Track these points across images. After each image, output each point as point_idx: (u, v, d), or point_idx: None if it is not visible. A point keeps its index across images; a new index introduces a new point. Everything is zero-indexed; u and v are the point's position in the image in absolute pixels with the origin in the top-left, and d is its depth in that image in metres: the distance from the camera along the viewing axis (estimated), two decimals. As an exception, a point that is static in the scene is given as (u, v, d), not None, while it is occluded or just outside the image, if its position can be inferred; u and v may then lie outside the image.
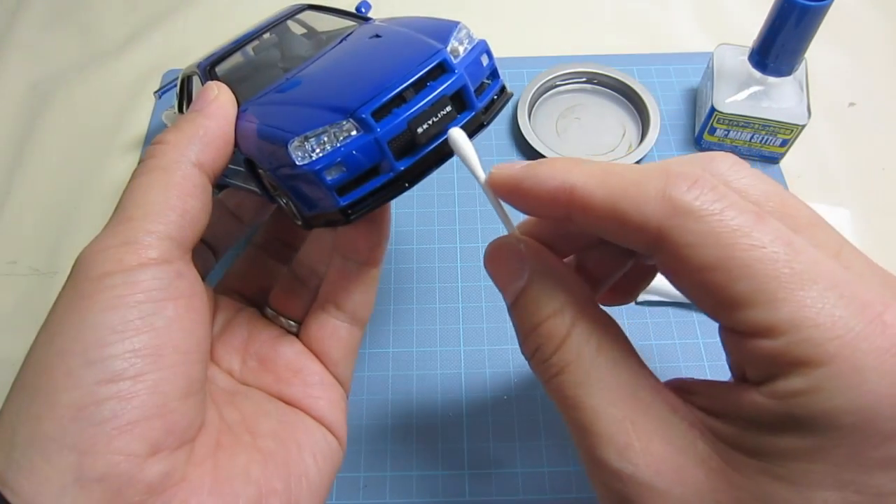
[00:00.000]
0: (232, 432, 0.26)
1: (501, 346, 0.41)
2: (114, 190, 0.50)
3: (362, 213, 0.25)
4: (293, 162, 0.24)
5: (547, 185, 0.22)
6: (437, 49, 0.25)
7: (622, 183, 0.20)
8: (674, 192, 0.19)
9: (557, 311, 0.22)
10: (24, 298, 0.45)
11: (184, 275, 0.24)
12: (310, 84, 0.27)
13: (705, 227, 0.19)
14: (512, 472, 0.37)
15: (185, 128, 0.26)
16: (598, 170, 0.21)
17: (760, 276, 0.18)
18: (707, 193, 0.19)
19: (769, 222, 0.19)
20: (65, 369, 0.21)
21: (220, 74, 0.30)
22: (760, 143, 0.47)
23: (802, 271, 0.18)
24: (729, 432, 0.19)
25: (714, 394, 0.20)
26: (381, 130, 0.24)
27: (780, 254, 0.18)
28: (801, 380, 0.17)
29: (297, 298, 0.33)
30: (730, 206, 0.19)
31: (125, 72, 0.58)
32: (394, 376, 0.41)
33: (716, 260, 0.18)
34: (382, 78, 0.25)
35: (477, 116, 0.26)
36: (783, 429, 0.18)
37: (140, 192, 0.24)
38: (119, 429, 0.21)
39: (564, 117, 0.52)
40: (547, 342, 0.22)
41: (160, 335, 0.22)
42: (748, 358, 0.19)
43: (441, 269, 0.45)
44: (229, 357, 0.30)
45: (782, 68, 0.44)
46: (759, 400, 0.18)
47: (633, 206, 0.20)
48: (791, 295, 0.17)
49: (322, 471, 0.28)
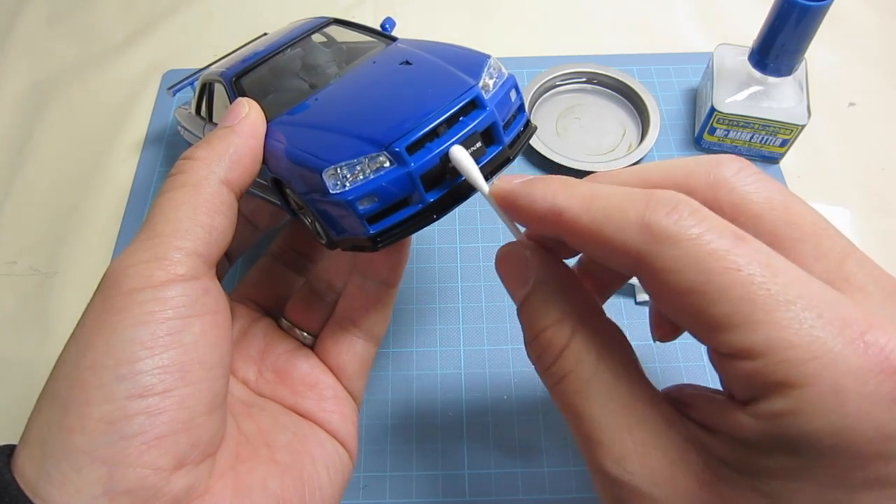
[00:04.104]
0: (250, 444, 0.27)
1: (501, 347, 0.41)
2: (114, 190, 0.50)
3: (391, 242, 0.26)
4: (326, 190, 0.24)
5: (538, 205, 0.22)
6: (471, 85, 0.26)
7: (605, 207, 0.21)
8: (652, 217, 0.19)
9: (558, 320, 0.23)
10: (24, 298, 0.45)
11: (210, 291, 0.24)
12: (340, 108, 0.28)
13: (682, 252, 0.19)
14: (512, 472, 0.37)
15: (215, 144, 0.26)
16: (585, 193, 0.21)
17: (736, 299, 0.18)
18: (686, 218, 0.19)
19: (749, 244, 0.19)
20: (96, 383, 0.21)
21: (245, 86, 0.31)
22: (760, 143, 0.47)
23: (779, 293, 0.18)
24: (720, 449, 0.20)
25: (708, 409, 0.21)
26: (414, 165, 0.24)
27: (755, 276, 0.18)
28: (781, 401, 0.17)
29: (314, 312, 0.33)
30: (708, 230, 0.19)
31: (125, 72, 0.58)
32: (394, 376, 0.41)
33: (693, 284, 0.18)
34: (416, 111, 0.25)
35: (504, 151, 0.27)
36: (768, 449, 0.18)
37: (170, 207, 0.25)
38: (148, 443, 0.21)
39: (564, 117, 0.52)
40: (547, 350, 0.23)
41: (187, 351, 0.23)
42: (732, 378, 0.19)
43: (441, 269, 0.45)
44: (245, 367, 0.31)
45: (782, 68, 0.44)
46: (744, 420, 0.19)
47: (614, 232, 0.20)
48: (767, 317, 0.17)
49: (334, 483, 0.29)
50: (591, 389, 0.21)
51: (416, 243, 0.46)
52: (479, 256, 0.45)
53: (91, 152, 0.52)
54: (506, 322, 0.42)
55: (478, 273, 0.44)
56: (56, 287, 0.46)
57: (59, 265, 0.47)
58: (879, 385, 0.17)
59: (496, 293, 0.43)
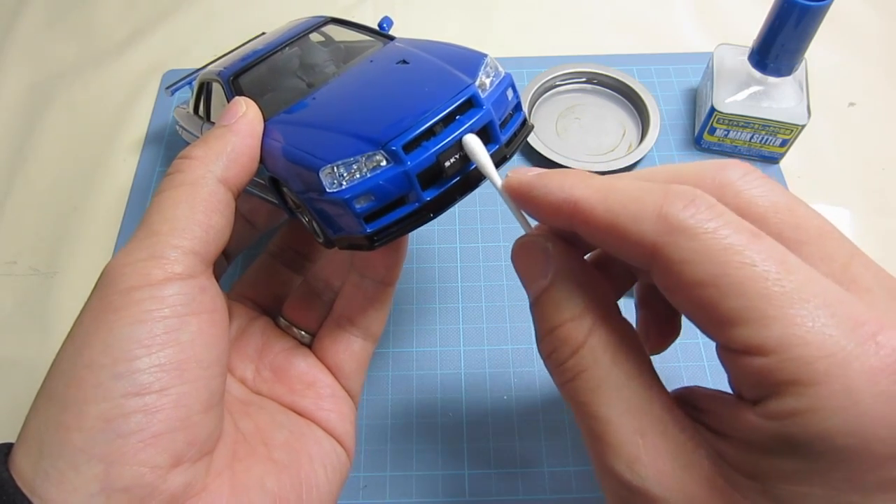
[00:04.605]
0: (247, 443, 0.27)
1: (501, 347, 0.41)
2: (114, 190, 0.50)
3: (387, 241, 0.26)
4: (323, 188, 0.24)
5: (553, 196, 0.22)
6: (467, 84, 0.26)
7: (622, 199, 0.21)
8: (670, 209, 0.19)
9: (577, 315, 0.22)
10: (24, 298, 0.45)
11: (206, 289, 0.25)
12: (337, 107, 0.28)
13: (699, 244, 0.19)
14: (512, 472, 0.37)
15: (212, 143, 0.26)
16: (601, 185, 0.21)
17: (751, 294, 0.18)
18: (703, 212, 0.19)
19: (763, 241, 0.19)
20: (94, 381, 0.21)
21: (243, 85, 0.31)
22: (760, 143, 0.47)
23: (794, 290, 0.18)
24: (731, 454, 0.19)
25: (719, 412, 0.21)
26: (411, 164, 0.24)
27: (770, 272, 0.18)
28: (793, 400, 0.17)
29: (312, 311, 0.33)
30: (724, 225, 0.19)
31: (125, 72, 0.58)
32: (394, 376, 0.41)
33: (708, 277, 0.18)
34: (413, 110, 0.25)
35: (500, 150, 0.27)
36: (779, 450, 0.18)
37: (167, 206, 0.25)
38: (145, 441, 0.21)
39: (564, 117, 0.52)
40: (563, 346, 0.22)
41: (184, 350, 0.23)
42: (742, 376, 0.19)
43: (441, 269, 0.45)
44: (243, 366, 0.31)
45: (782, 68, 0.44)
46: (754, 420, 0.19)
47: (630, 222, 0.20)
48: (781, 313, 0.17)
49: (331, 482, 0.29)
50: (604, 389, 0.21)
51: (415, 243, 0.46)
52: (479, 256, 0.45)
53: (91, 152, 0.52)
54: (506, 322, 0.42)
55: (478, 273, 0.44)
56: (56, 287, 0.46)
57: (59, 265, 0.47)
58: (892, 385, 0.17)
59: (496, 293, 0.43)
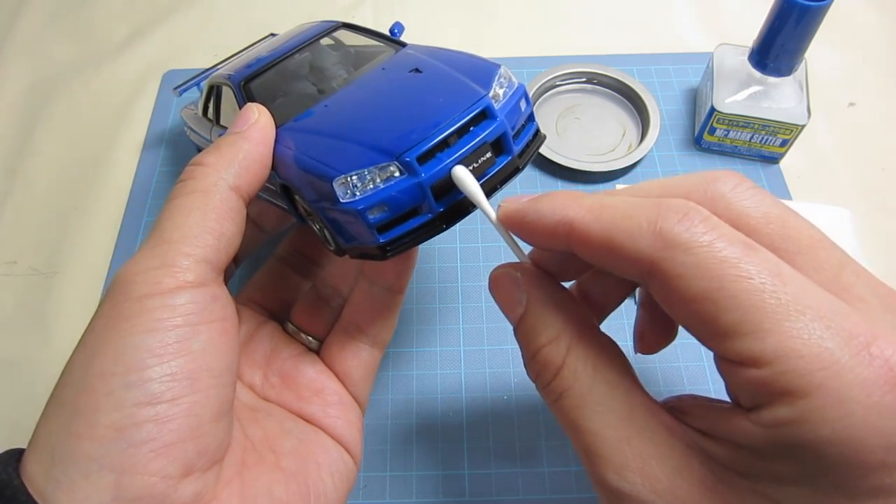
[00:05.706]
0: (255, 450, 0.27)
1: (501, 347, 0.41)
2: (114, 190, 0.50)
3: (399, 251, 0.26)
4: (336, 198, 0.24)
5: (547, 219, 0.23)
6: (482, 95, 0.26)
7: (616, 217, 0.21)
8: (664, 224, 0.20)
9: (553, 338, 0.23)
10: (24, 298, 0.45)
11: (218, 298, 0.24)
12: (350, 115, 0.27)
13: (694, 258, 0.19)
14: (512, 472, 0.37)
15: (224, 150, 0.26)
16: (595, 204, 0.22)
17: (747, 307, 0.18)
18: (697, 225, 0.19)
19: (759, 253, 0.19)
20: (105, 390, 0.21)
21: (254, 90, 0.30)
22: (760, 143, 0.47)
23: (789, 302, 0.18)
24: (722, 453, 0.20)
25: (708, 416, 0.21)
26: (425, 175, 0.24)
27: (767, 284, 0.18)
28: (787, 409, 0.18)
29: (320, 317, 0.33)
30: (719, 238, 0.19)
31: (125, 72, 0.58)
32: (394, 376, 0.41)
33: (705, 291, 0.19)
34: (427, 121, 0.25)
35: (513, 161, 0.27)
36: (772, 455, 0.18)
37: (179, 213, 0.25)
38: (156, 451, 0.21)
39: (564, 117, 0.52)
40: (545, 368, 0.23)
41: (196, 359, 0.23)
42: (738, 385, 0.19)
43: (441, 269, 0.45)
44: (251, 372, 0.31)
45: (782, 68, 0.44)
46: (748, 426, 0.19)
47: (626, 239, 0.20)
48: (777, 326, 0.18)
49: (338, 489, 0.29)
50: (588, 404, 0.22)
51: (416, 243, 0.46)
52: (479, 256, 0.45)
53: (91, 152, 0.52)
54: (505, 322, 0.42)
55: (478, 273, 0.44)
56: (56, 287, 0.46)
57: (59, 265, 0.47)
58: (884, 396, 0.17)
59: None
